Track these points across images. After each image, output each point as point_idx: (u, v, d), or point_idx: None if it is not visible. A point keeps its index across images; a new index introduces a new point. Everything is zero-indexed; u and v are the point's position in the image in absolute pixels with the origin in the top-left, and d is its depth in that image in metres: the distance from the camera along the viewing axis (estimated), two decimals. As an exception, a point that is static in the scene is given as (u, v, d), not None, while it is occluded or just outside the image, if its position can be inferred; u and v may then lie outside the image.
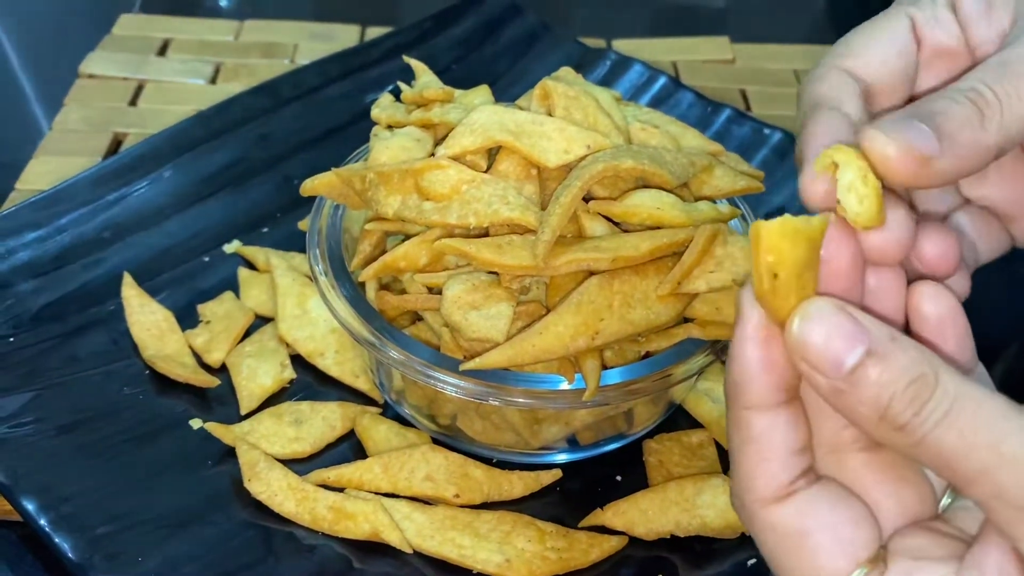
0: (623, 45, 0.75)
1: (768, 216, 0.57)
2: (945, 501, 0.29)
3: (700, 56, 0.76)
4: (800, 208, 0.63)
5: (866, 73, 0.34)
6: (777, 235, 0.25)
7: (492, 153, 0.42)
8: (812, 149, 0.32)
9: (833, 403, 0.26)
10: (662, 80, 0.67)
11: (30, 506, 0.41)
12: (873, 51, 0.34)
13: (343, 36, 0.76)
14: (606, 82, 0.67)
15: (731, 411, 0.28)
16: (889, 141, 0.27)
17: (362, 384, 0.48)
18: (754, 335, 0.27)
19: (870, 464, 0.28)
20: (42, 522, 0.40)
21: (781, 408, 0.27)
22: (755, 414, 0.27)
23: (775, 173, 0.60)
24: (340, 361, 0.48)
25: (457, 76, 0.66)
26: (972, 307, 0.32)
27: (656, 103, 0.65)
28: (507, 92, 0.66)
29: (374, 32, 0.76)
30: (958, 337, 0.29)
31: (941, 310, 0.29)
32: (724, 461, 0.45)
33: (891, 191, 0.28)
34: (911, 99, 0.35)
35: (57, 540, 0.40)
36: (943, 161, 0.28)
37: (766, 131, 0.63)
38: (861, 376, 0.25)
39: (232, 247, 0.54)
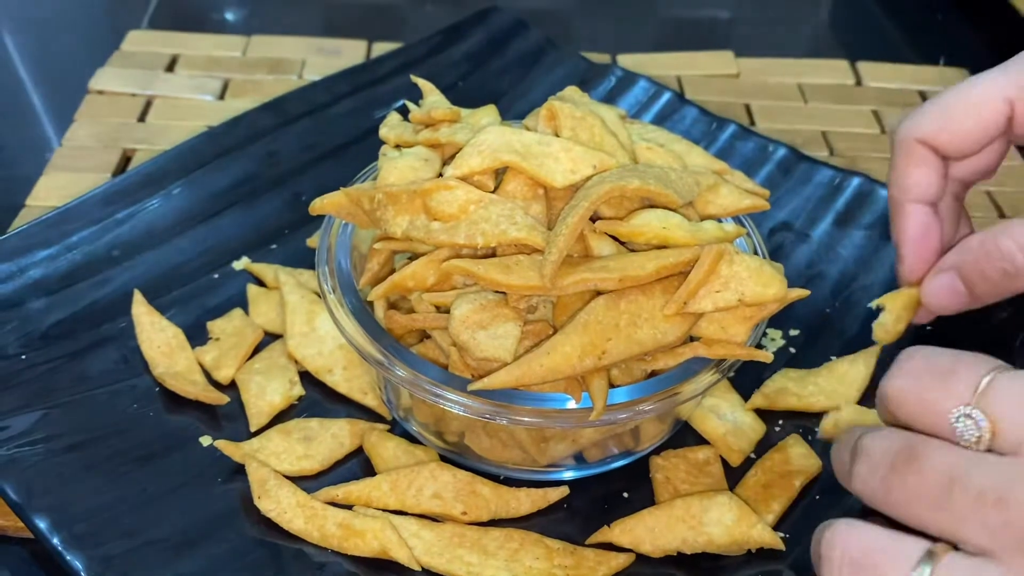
0: (627, 60, 0.76)
1: (772, 232, 0.58)
2: None
3: (704, 71, 0.76)
4: (804, 219, 0.62)
5: (951, 149, 0.44)
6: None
7: (499, 173, 0.42)
8: (908, 247, 0.46)
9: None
10: (667, 96, 0.67)
11: (42, 524, 0.41)
12: (962, 129, 0.43)
13: (350, 52, 0.77)
14: (611, 98, 0.67)
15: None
16: (929, 307, 0.45)
17: (370, 401, 0.48)
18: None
19: None
20: (55, 541, 0.41)
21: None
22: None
23: (779, 188, 0.61)
24: (348, 378, 0.49)
25: (463, 92, 0.67)
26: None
27: (661, 119, 0.66)
28: (513, 108, 0.66)
29: (380, 47, 0.77)
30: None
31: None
32: (730, 478, 0.46)
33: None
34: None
35: (69, 558, 0.40)
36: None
37: (770, 147, 0.63)
38: None
39: (241, 264, 0.55)
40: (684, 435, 0.47)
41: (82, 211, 0.56)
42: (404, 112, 0.48)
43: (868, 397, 0.49)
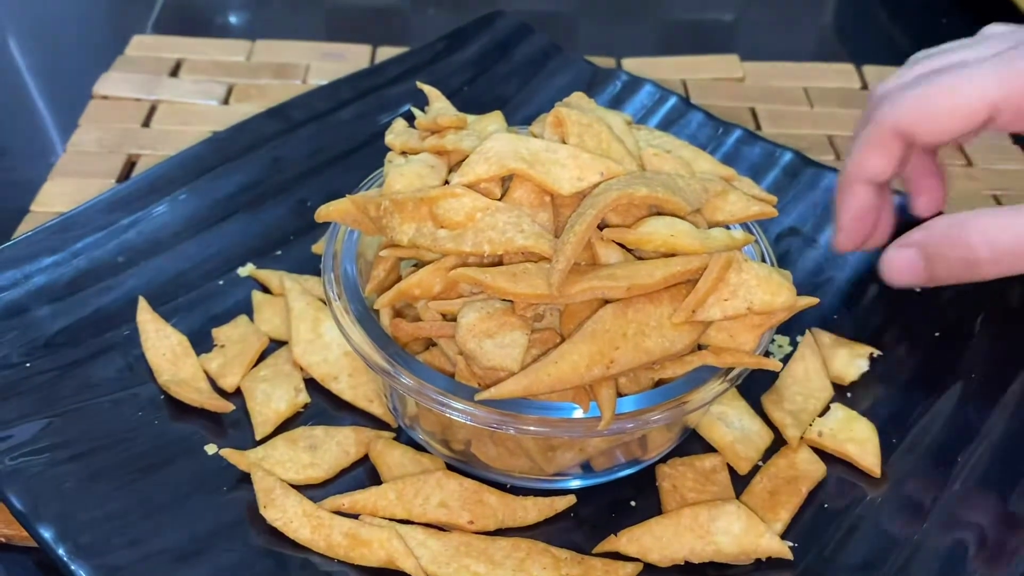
0: (632, 63, 0.76)
1: (779, 237, 0.58)
2: None
3: (709, 75, 0.76)
4: (811, 225, 0.62)
5: (926, 140, 0.44)
6: None
7: (506, 181, 0.42)
8: (846, 222, 0.49)
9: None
10: (672, 100, 0.67)
11: (47, 534, 0.41)
12: (941, 126, 0.43)
13: (354, 56, 0.77)
14: (617, 103, 0.67)
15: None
16: (887, 278, 0.48)
17: (376, 408, 0.48)
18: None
19: None
20: (60, 551, 0.40)
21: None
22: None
23: (786, 194, 0.61)
24: (354, 385, 0.48)
25: (468, 97, 0.67)
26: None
27: (666, 124, 0.65)
28: (518, 112, 0.66)
29: (385, 52, 0.77)
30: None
31: None
32: (737, 486, 0.45)
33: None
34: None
35: (74, 568, 0.40)
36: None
37: (776, 152, 0.63)
38: None
39: (246, 270, 0.55)
40: (691, 443, 0.47)
41: (87, 217, 0.55)
42: (410, 118, 0.48)
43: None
